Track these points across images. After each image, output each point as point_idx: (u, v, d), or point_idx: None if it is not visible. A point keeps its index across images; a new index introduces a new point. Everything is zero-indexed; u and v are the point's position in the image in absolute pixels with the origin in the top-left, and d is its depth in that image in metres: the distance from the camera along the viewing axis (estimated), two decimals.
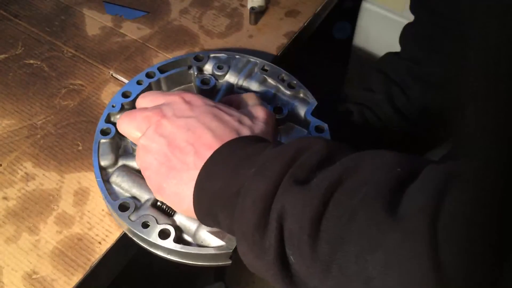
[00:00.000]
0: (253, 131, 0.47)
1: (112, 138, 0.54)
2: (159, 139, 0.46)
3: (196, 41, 0.71)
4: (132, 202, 0.50)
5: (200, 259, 0.49)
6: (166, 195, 0.45)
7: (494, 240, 0.26)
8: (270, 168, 0.38)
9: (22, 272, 0.50)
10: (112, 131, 0.54)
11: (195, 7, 0.76)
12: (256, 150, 0.42)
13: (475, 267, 0.27)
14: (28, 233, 0.53)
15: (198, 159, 0.44)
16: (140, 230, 0.48)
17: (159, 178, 0.46)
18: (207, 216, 0.44)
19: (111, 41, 0.70)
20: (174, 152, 0.45)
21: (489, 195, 0.27)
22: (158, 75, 0.60)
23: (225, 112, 0.48)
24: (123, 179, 0.52)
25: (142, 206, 0.51)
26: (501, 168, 0.26)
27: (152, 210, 0.50)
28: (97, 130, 0.55)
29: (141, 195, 0.52)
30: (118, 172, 0.53)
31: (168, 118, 0.47)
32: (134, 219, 0.49)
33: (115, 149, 0.55)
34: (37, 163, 0.58)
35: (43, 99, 0.64)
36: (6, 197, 0.55)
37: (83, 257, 0.51)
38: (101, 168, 0.53)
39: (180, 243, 0.48)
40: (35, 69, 0.67)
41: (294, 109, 0.58)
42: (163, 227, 0.48)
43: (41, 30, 0.71)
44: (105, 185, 0.52)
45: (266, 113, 0.50)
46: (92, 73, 0.67)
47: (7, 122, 0.61)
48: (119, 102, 0.57)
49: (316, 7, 0.76)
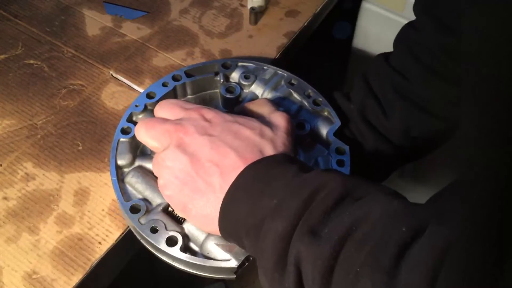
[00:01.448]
0: (275, 144, 0.47)
1: (132, 138, 0.54)
2: (182, 157, 0.46)
3: (196, 41, 0.71)
4: (143, 205, 0.50)
5: (205, 271, 0.49)
6: (193, 216, 0.46)
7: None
8: (287, 208, 0.39)
9: (22, 272, 0.50)
10: (132, 130, 0.54)
11: (195, 7, 0.76)
12: (278, 175, 0.43)
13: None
14: (28, 233, 0.53)
15: (224, 181, 0.44)
16: (148, 234, 0.48)
17: (184, 199, 0.45)
18: (233, 239, 0.45)
19: (111, 41, 0.70)
20: (199, 172, 0.45)
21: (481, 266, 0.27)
22: (184, 79, 0.59)
23: (246, 126, 0.47)
24: (138, 180, 0.52)
25: (153, 210, 0.50)
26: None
27: (163, 215, 0.50)
28: (118, 129, 0.55)
29: (154, 198, 0.51)
30: (133, 173, 0.53)
31: (191, 135, 0.47)
32: (143, 222, 0.49)
33: (133, 149, 0.54)
34: (37, 163, 0.58)
35: (43, 99, 0.64)
36: (6, 197, 0.55)
37: (83, 257, 0.51)
38: (117, 167, 0.53)
39: (186, 252, 0.48)
40: (35, 69, 0.67)
41: (317, 127, 0.57)
42: (171, 234, 0.48)
43: (41, 30, 0.71)
44: (119, 185, 0.52)
45: (285, 120, 0.50)
46: (92, 73, 0.67)
47: (7, 122, 0.61)
48: (143, 102, 0.56)
49: (316, 7, 0.76)
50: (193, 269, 0.49)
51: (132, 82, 0.66)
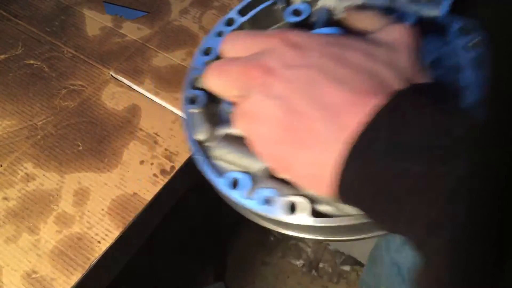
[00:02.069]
0: (400, 73, 0.33)
1: (203, 106, 0.43)
2: (271, 104, 0.34)
3: (196, 41, 0.71)
4: (245, 176, 0.40)
5: (350, 233, 0.39)
6: (298, 176, 0.35)
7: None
8: (432, 190, 0.28)
9: (21, 272, 0.51)
10: (201, 97, 0.44)
11: (195, 7, 0.76)
12: (417, 123, 0.30)
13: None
14: (28, 233, 0.53)
15: (338, 130, 0.32)
16: (262, 208, 0.38)
17: (283, 155, 0.35)
18: (356, 203, 0.34)
19: (111, 42, 0.71)
20: (301, 120, 0.33)
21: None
22: (240, 19, 0.48)
23: (353, 48, 0.34)
24: (227, 150, 0.42)
25: (257, 178, 0.40)
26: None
27: (271, 181, 0.39)
28: (184, 100, 0.44)
29: (253, 165, 0.41)
30: (219, 144, 0.43)
31: (277, 72, 0.34)
32: (252, 196, 0.39)
33: (209, 117, 0.44)
34: (37, 163, 0.58)
35: (43, 100, 0.64)
36: (6, 198, 0.55)
37: (83, 256, 0.52)
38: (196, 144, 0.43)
39: (319, 217, 0.37)
40: (35, 70, 0.67)
41: (420, 16, 0.43)
42: (291, 199, 0.37)
43: (41, 30, 0.71)
44: (208, 163, 0.42)
45: (407, 34, 0.35)
46: (92, 73, 0.67)
47: (7, 122, 0.62)
48: (202, 62, 0.46)
49: None
50: (334, 235, 0.39)
51: (132, 83, 0.66)
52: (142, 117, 0.62)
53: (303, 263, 1.41)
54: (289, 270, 1.39)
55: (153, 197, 0.56)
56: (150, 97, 0.64)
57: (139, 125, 0.62)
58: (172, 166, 0.58)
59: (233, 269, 1.37)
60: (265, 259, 1.39)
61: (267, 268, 1.38)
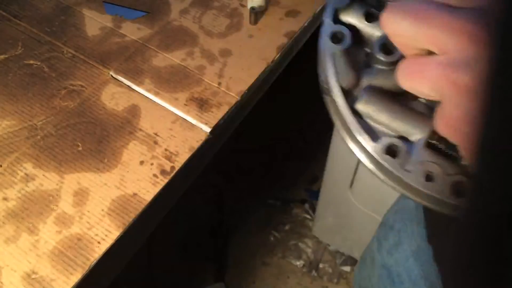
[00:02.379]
0: None
1: (350, 46, 0.36)
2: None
3: (196, 41, 0.71)
4: (401, 144, 0.34)
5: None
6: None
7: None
8: None
9: (21, 272, 0.51)
10: (347, 35, 0.36)
11: (195, 7, 0.76)
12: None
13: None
14: (27, 233, 0.53)
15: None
16: (423, 185, 0.32)
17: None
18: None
19: (111, 42, 0.70)
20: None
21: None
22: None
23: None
24: (375, 107, 0.35)
25: (413, 148, 0.34)
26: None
27: (430, 154, 0.33)
28: (324, 36, 0.36)
29: (407, 130, 0.34)
30: (366, 97, 0.35)
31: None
32: (409, 169, 0.33)
33: (354, 62, 0.36)
34: (37, 163, 0.58)
35: (43, 100, 0.64)
36: (6, 198, 0.55)
37: (82, 256, 0.52)
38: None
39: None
40: (35, 70, 0.67)
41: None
42: (457, 179, 0.32)
43: (41, 30, 0.71)
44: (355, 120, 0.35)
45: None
46: (92, 73, 0.67)
47: (7, 123, 0.62)
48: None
49: (316, 7, 0.76)
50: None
51: (132, 83, 0.66)
52: (142, 117, 0.62)
53: (303, 264, 1.41)
54: (289, 271, 1.39)
55: (153, 197, 0.56)
56: (150, 97, 0.64)
57: (139, 125, 0.62)
58: (172, 166, 0.58)
59: (233, 269, 1.37)
60: (265, 259, 1.39)
61: (267, 268, 1.38)
